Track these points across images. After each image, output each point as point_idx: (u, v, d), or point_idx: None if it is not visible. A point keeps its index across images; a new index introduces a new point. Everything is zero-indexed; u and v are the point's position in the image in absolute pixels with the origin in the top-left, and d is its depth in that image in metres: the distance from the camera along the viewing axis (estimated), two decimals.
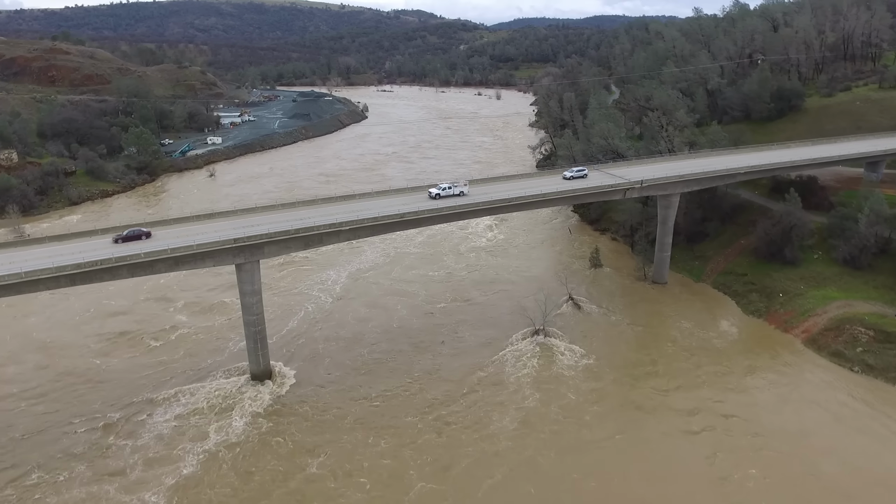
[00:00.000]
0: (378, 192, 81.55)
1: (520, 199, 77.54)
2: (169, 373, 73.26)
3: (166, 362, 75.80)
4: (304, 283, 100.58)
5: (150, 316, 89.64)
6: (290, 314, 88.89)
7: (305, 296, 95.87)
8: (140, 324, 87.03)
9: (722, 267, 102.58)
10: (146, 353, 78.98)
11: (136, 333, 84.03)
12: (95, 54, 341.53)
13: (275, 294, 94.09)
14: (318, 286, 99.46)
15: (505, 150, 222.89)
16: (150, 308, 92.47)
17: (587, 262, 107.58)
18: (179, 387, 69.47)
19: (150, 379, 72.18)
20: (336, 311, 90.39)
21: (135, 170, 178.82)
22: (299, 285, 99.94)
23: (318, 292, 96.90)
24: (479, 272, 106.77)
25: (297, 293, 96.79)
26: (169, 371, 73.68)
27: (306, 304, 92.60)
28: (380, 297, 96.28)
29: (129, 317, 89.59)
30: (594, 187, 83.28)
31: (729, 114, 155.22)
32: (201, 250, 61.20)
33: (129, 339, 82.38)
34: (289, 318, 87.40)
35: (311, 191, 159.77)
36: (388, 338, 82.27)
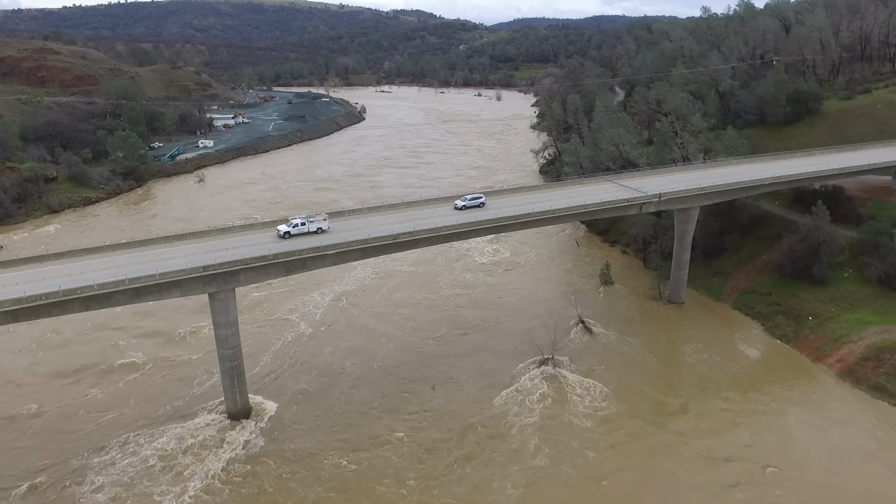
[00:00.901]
0: (370, 209, 73.71)
1: (527, 216, 69.99)
2: (130, 415, 64.43)
3: (128, 402, 67.09)
4: (283, 308, 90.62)
5: (108, 346, 79.51)
6: (267, 345, 79.47)
7: (284, 324, 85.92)
8: (96, 356, 76.45)
9: (743, 285, 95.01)
10: (104, 390, 69.66)
11: (92, 368, 73.75)
12: (87, 54, 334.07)
13: (251, 321, 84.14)
14: (298, 311, 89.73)
15: (506, 155, 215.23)
16: (108, 337, 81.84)
17: (597, 279, 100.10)
18: (143, 430, 61.62)
19: (107, 424, 62.92)
20: (316, 344, 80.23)
21: (120, 175, 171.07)
22: (278, 310, 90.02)
23: (298, 318, 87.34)
24: (478, 293, 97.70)
25: (274, 320, 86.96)
26: (131, 413, 64.85)
27: (285, 332, 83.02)
28: (365, 325, 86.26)
29: (81, 348, 78.73)
30: (608, 202, 75.69)
31: (742, 117, 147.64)
32: (165, 280, 53.58)
33: (84, 375, 72.33)
34: (266, 350, 78.23)
35: (299, 199, 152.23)
36: (372, 379, 72.03)
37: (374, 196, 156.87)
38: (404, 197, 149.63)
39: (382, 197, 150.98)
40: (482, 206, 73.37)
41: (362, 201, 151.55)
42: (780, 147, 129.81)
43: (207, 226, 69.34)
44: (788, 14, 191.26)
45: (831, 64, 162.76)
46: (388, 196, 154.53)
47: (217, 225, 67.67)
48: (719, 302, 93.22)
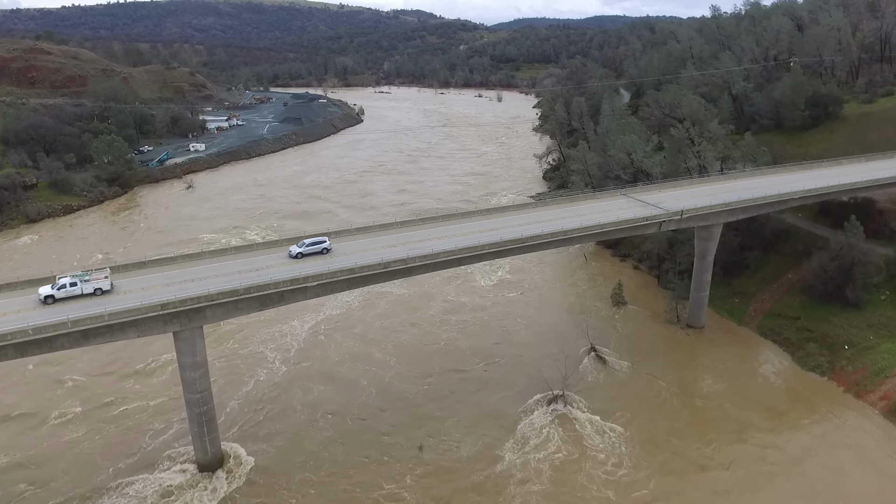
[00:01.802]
0: (360, 229, 65.74)
1: (535, 238, 62.25)
2: (78, 471, 55.89)
3: (77, 451, 58.29)
4: (257, 339, 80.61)
5: (50, 384, 69.60)
6: (239, 384, 70.29)
7: (257, 359, 75.95)
8: (27, 400, 66.64)
9: (768, 307, 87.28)
10: (46, 438, 60.60)
11: (28, 416, 63.94)
12: (79, 55, 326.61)
13: (220, 356, 75.15)
14: (273, 343, 79.71)
15: (507, 160, 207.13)
16: (54, 373, 71.59)
17: (609, 299, 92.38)
18: (94, 490, 53.87)
19: (43, 482, 54.34)
20: (290, 387, 69.78)
21: (105, 181, 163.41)
22: (251, 342, 79.93)
23: (272, 352, 77.32)
24: (475, 320, 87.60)
25: (247, 355, 77.08)
26: (78, 468, 56.27)
27: (258, 369, 73.17)
28: (346, 364, 75.13)
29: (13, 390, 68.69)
30: (625, 221, 67.94)
31: (758, 122, 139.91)
32: (115, 320, 45.92)
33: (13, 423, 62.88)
34: (237, 390, 68.99)
35: (288, 209, 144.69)
36: (348, 435, 61.15)
37: (366, 204, 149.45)
38: (398, 207, 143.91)
39: (375, 207, 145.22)
40: (326, 253, 58.87)
41: (355, 209, 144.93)
42: (798, 153, 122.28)
43: (173, 252, 60.54)
44: (801, 13, 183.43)
45: (850, 65, 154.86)
46: (380, 205, 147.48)
47: (184, 250, 59.41)
48: (743, 326, 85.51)
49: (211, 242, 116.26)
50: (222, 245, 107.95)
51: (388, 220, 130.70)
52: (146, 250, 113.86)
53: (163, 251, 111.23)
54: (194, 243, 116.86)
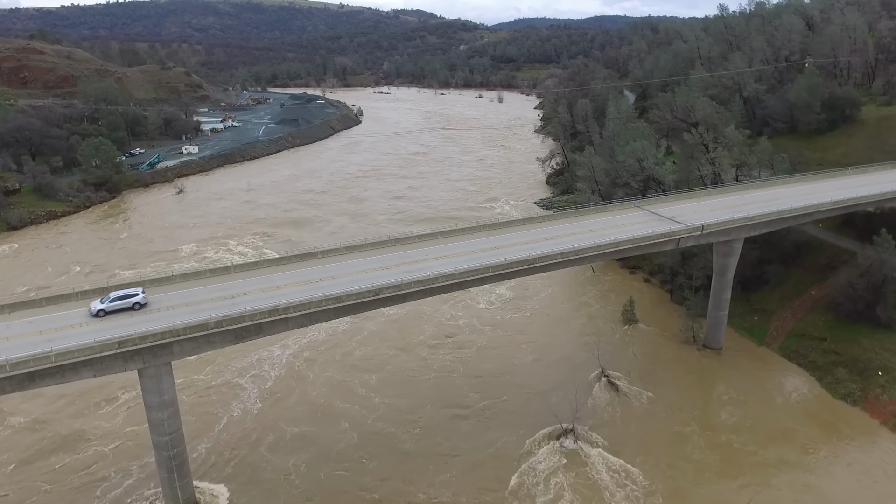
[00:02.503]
0: (348, 248, 59.52)
1: (544, 258, 56.22)
2: None
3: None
4: (233, 368, 72.72)
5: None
6: (211, 421, 62.80)
7: (232, 391, 68.30)
8: None
9: (791, 327, 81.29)
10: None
11: None
12: (72, 54, 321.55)
13: (191, 388, 67.91)
14: (249, 373, 72.01)
15: (509, 164, 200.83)
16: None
17: (619, 316, 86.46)
18: None
19: None
20: (263, 429, 61.69)
21: (92, 186, 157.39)
22: (225, 371, 72.02)
23: (248, 383, 69.83)
24: (474, 346, 79.36)
25: (220, 386, 69.42)
26: None
27: (232, 404, 65.51)
28: (327, 399, 67.24)
29: None
30: (642, 238, 61.96)
31: (771, 125, 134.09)
32: (64, 361, 40.04)
33: None
34: (209, 429, 61.55)
35: (275, 217, 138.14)
36: (324, 495, 52.84)
37: (360, 211, 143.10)
38: (393, 216, 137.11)
39: (369, 215, 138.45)
40: (138, 308, 47.52)
41: (348, 216, 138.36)
42: (815, 159, 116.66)
43: (140, 277, 53.80)
44: (813, 12, 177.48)
45: (866, 66, 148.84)
46: (375, 212, 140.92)
47: (159, 272, 53.21)
48: (764, 347, 79.52)
49: (190, 256, 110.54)
50: (199, 263, 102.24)
51: (381, 227, 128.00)
52: (121, 262, 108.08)
53: (139, 264, 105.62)
54: (173, 256, 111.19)
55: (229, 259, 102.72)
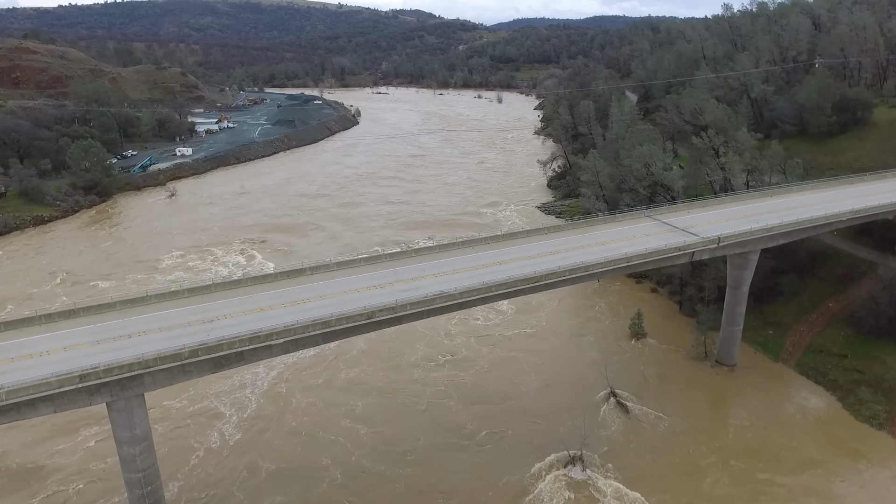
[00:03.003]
0: (340, 264, 55.34)
1: (551, 275, 52.06)
2: None
3: None
4: (212, 391, 67.09)
5: None
6: (185, 453, 57.46)
7: (210, 418, 62.78)
8: None
9: (808, 342, 77.16)
10: None
11: None
12: (66, 54, 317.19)
13: (166, 416, 62.65)
14: (229, 397, 66.52)
15: (508, 167, 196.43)
16: None
17: (627, 329, 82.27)
18: None
19: None
20: (237, 467, 55.87)
21: (81, 189, 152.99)
22: (205, 395, 66.33)
23: (228, 409, 64.47)
24: (472, 369, 73.15)
25: (198, 412, 63.95)
26: None
27: (210, 433, 60.22)
28: (308, 430, 61.16)
29: None
30: (655, 251, 57.80)
31: (779, 127, 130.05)
32: (18, 398, 35.76)
33: None
34: (182, 462, 56.35)
35: (268, 223, 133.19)
36: None
37: (354, 217, 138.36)
38: (389, 223, 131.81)
39: (362, 221, 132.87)
40: None
41: (342, 221, 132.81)
42: (826, 162, 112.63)
43: (121, 287, 49.07)
44: (819, 11, 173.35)
45: (877, 66, 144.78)
46: (369, 218, 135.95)
47: (131, 294, 48.46)
48: (779, 363, 75.37)
49: (174, 266, 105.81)
50: (183, 273, 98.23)
51: (376, 233, 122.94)
52: (102, 272, 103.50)
53: (120, 274, 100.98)
54: (156, 266, 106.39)
55: (215, 270, 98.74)
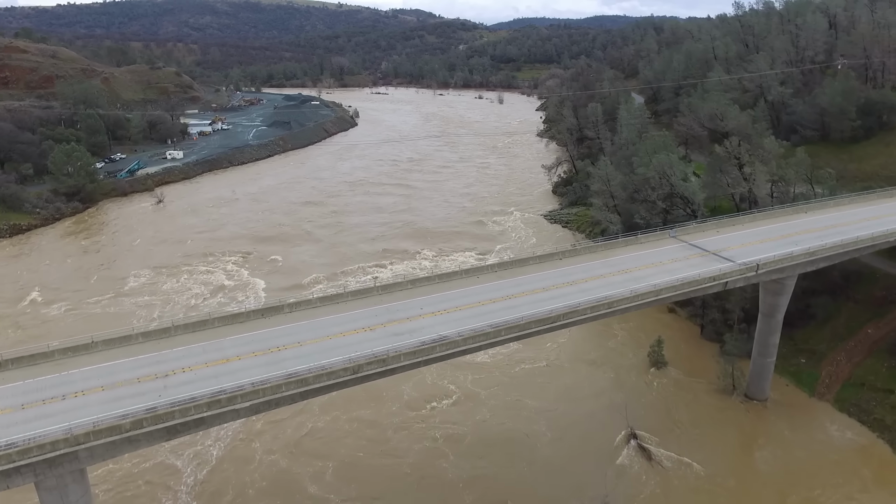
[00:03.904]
0: (323, 299, 47.68)
1: (572, 313, 44.68)
2: None
3: None
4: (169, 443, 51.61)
5: None
6: None
7: (164, 476, 53.74)
8: None
9: (846, 373, 69.79)
10: None
11: None
12: (57, 53, 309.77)
13: (108, 475, 52.59)
14: (187, 450, 56.49)
15: (511, 170, 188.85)
16: None
17: (644, 356, 74.93)
18: None
19: None
20: None
21: (63, 196, 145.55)
22: (159, 448, 53.71)
23: (185, 464, 55.19)
24: (470, 422, 61.93)
25: (150, 471, 54.22)
26: None
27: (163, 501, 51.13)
28: (272, 497, 51.98)
29: None
30: (687, 282, 50.41)
31: (799, 132, 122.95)
32: None
33: None
34: None
35: (253, 234, 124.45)
36: None
37: (344, 227, 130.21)
38: (384, 233, 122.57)
39: (357, 232, 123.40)
40: None
41: (330, 228, 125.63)
42: (850, 170, 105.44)
43: (48, 344, 39.44)
44: (836, 10, 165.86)
45: None
46: (360, 230, 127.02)
47: (67, 340, 40.41)
48: (815, 398, 68.01)
49: (147, 286, 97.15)
50: (149, 298, 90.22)
51: (371, 245, 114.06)
52: (64, 294, 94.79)
53: (81, 295, 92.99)
54: (124, 285, 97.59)
55: (191, 292, 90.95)
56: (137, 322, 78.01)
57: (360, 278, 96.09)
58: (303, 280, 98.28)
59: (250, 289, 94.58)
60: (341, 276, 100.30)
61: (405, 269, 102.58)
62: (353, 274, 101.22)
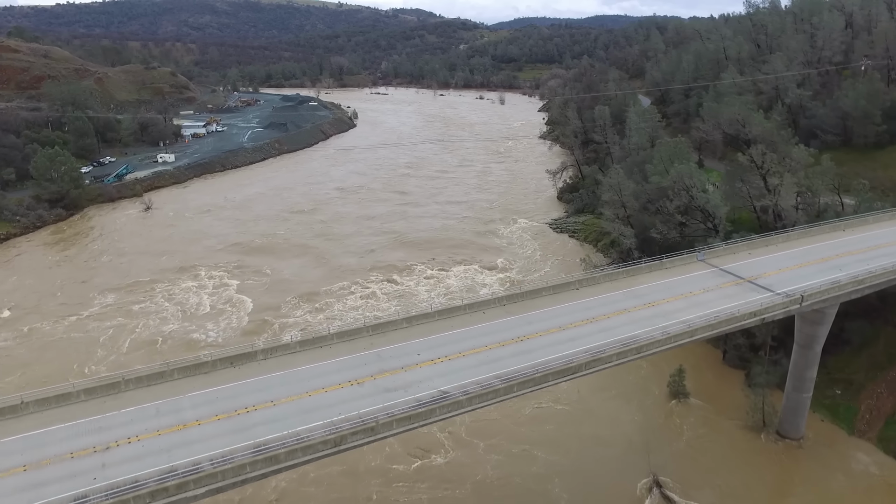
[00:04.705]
0: (303, 343, 40.35)
1: (596, 360, 37.98)
2: None
3: None
4: None
5: None
6: None
7: None
8: None
9: (889, 407, 63.15)
10: None
11: None
12: (50, 53, 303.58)
13: None
14: None
15: (513, 178, 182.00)
16: None
17: (665, 386, 68.33)
18: None
19: None
20: None
21: (46, 202, 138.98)
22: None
23: None
24: (468, 483, 52.61)
25: None
26: None
27: None
28: None
29: None
30: (724, 319, 43.77)
31: (819, 137, 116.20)
32: None
33: None
34: None
35: (235, 248, 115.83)
36: None
37: (331, 236, 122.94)
38: (379, 245, 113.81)
39: (350, 243, 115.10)
40: None
41: (316, 237, 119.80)
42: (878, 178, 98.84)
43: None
44: (853, 9, 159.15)
45: None
46: (357, 237, 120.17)
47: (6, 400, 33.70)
48: (855, 436, 61.39)
49: (114, 306, 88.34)
50: (105, 328, 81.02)
51: (363, 259, 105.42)
52: (15, 321, 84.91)
53: (34, 319, 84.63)
54: (88, 307, 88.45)
55: (163, 309, 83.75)
56: (99, 352, 71.30)
57: (352, 302, 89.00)
58: (287, 298, 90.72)
59: (231, 311, 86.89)
60: (332, 295, 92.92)
61: (401, 287, 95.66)
62: (347, 292, 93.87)
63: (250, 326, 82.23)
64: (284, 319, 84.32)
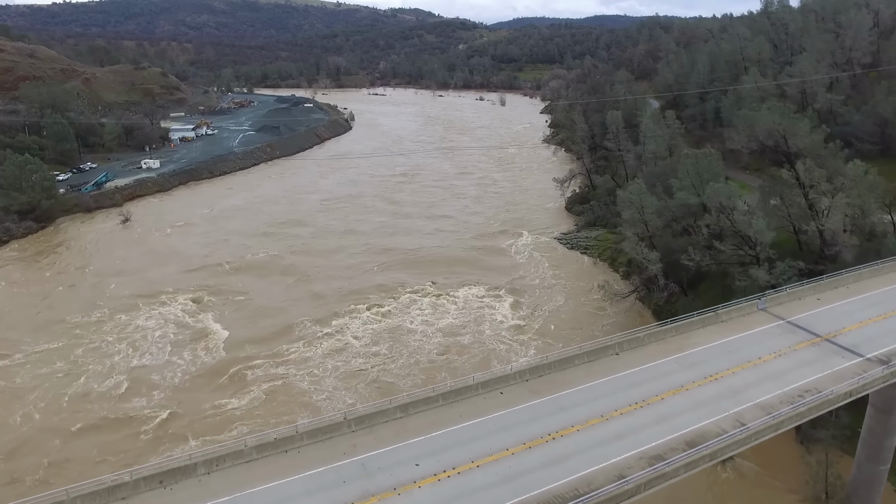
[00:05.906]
0: (264, 447, 29.35)
1: (659, 477, 27.92)
2: None
3: None
4: None
5: None
6: None
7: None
8: None
9: None
10: None
11: None
12: (36, 52, 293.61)
13: None
14: None
15: (516, 188, 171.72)
16: None
17: None
18: None
19: None
20: None
21: (15, 214, 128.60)
22: None
23: None
24: None
25: None
26: None
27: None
28: None
29: None
30: (814, 403, 33.66)
31: (854, 146, 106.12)
32: None
33: None
34: None
35: (220, 267, 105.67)
36: None
37: (330, 252, 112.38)
38: (372, 265, 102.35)
39: (338, 261, 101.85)
40: None
41: (317, 254, 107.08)
42: None
43: None
44: (879, 6, 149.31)
45: None
46: (348, 251, 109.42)
47: None
48: None
49: (51, 353, 74.42)
50: (47, 375, 68.77)
51: (353, 282, 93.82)
52: None
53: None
54: (26, 352, 74.36)
55: (116, 352, 72.29)
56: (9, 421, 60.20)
57: (332, 344, 78.22)
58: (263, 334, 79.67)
59: (191, 359, 73.73)
60: (311, 333, 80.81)
61: (393, 321, 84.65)
62: (328, 331, 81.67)
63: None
64: (253, 371, 71.38)
